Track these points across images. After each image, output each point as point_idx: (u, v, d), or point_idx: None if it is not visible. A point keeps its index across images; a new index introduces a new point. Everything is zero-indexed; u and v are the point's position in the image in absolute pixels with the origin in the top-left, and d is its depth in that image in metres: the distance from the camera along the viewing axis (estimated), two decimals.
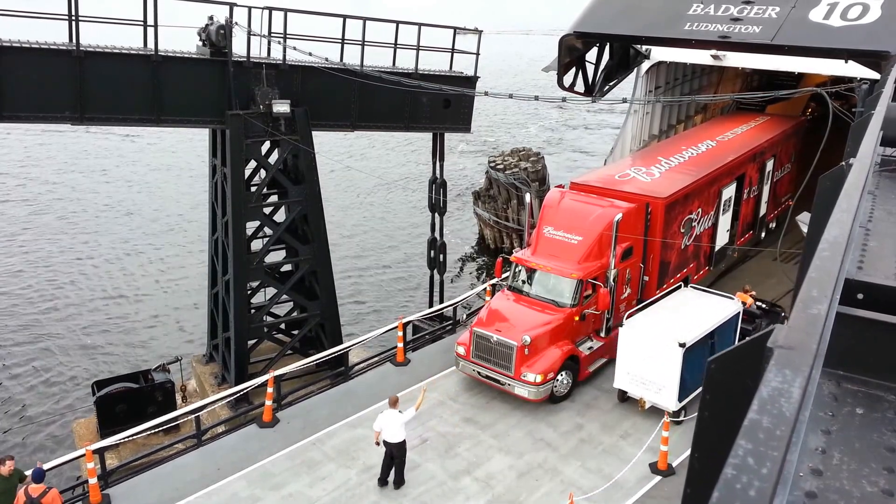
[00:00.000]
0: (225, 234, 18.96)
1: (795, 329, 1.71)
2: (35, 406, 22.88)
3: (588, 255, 15.93)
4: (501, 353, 15.16)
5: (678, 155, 20.11)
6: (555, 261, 15.99)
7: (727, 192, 20.34)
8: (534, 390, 14.89)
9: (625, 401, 15.39)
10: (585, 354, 15.95)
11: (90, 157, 51.23)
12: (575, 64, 22.79)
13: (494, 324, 15.59)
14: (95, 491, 12.97)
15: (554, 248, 16.26)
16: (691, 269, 19.36)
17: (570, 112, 64.56)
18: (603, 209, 16.37)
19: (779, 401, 1.37)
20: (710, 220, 19.81)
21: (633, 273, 16.96)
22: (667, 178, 18.43)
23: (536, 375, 14.81)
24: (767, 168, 22.68)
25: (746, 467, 1.22)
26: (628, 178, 18.26)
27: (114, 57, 16.84)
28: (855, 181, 3.18)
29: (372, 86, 18.75)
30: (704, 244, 19.76)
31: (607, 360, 16.37)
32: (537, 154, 37.19)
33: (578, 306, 15.66)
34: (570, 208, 16.73)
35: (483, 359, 15.55)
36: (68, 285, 30.97)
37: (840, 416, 2.09)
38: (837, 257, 2.18)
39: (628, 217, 16.29)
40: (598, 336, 16.47)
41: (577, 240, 16.12)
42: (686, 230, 18.47)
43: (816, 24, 18.49)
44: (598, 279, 15.74)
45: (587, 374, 16.10)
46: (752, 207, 22.35)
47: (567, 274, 15.66)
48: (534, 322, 15.38)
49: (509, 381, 15.11)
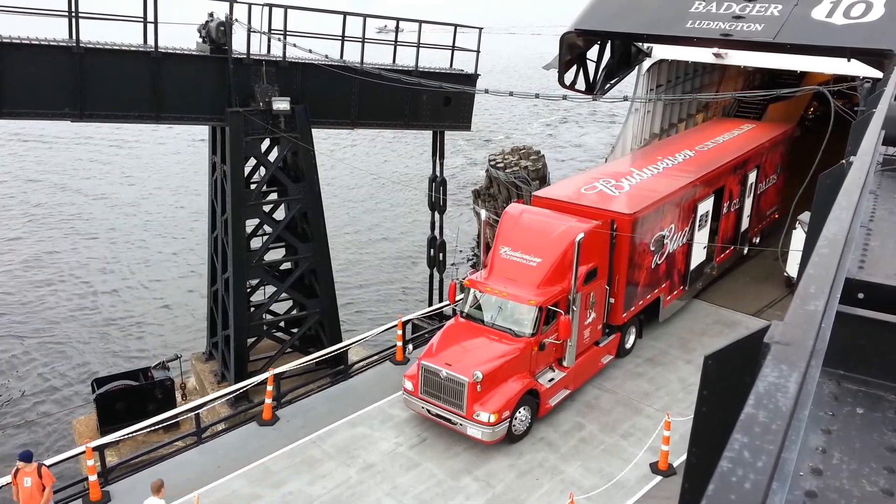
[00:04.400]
0: (224, 231, 18.96)
1: (792, 325, 1.71)
2: (35, 403, 22.90)
3: (548, 278, 14.43)
4: (452, 389, 13.67)
5: (652, 166, 18.84)
6: (512, 285, 14.49)
7: (704, 207, 18.87)
8: (488, 431, 13.41)
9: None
10: (546, 387, 14.52)
11: (90, 155, 51.24)
12: (576, 62, 22.75)
13: (445, 356, 14.03)
14: (95, 488, 13.00)
15: (511, 271, 14.75)
16: (663, 289, 18.05)
17: (571, 110, 64.55)
18: (564, 227, 14.88)
19: (775, 395, 1.37)
20: (685, 237, 18.39)
21: (598, 296, 15.59)
22: (636, 191, 17.10)
23: (490, 415, 13.34)
24: (750, 180, 21.29)
25: (742, 461, 1.23)
26: (595, 192, 16.86)
27: (114, 53, 16.83)
28: (855, 179, 3.17)
29: (372, 83, 18.73)
30: (678, 263, 18.48)
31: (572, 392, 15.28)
32: (538, 152, 37.22)
33: (538, 335, 14.16)
34: (529, 226, 15.22)
35: (432, 395, 14.04)
36: (67, 283, 31.00)
37: (840, 416, 2.08)
38: (836, 254, 2.17)
39: (592, 235, 14.91)
40: (560, 366, 15.01)
41: (536, 261, 14.63)
42: (657, 248, 17.10)
43: (819, 23, 18.44)
44: (560, 304, 14.37)
45: (548, 408, 14.68)
46: (732, 222, 20.99)
47: (525, 300, 14.15)
48: (488, 354, 13.89)
49: (461, 420, 13.64)
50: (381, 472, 13.44)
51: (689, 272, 19.04)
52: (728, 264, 21.60)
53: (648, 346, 17.88)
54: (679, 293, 18.98)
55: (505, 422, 13.60)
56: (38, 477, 12.04)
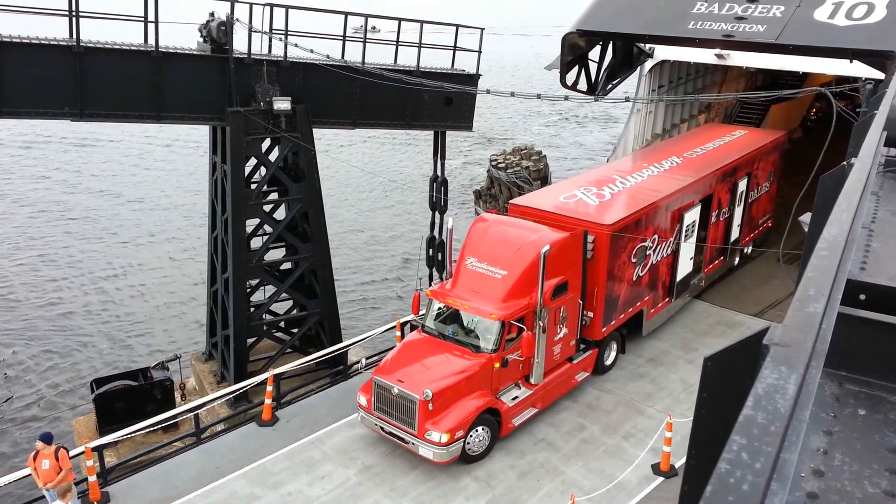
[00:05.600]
0: (224, 231, 18.95)
1: (792, 327, 1.71)
2: (34, 403, 22.91)
3: (513, 291, 13.77)
4: (404, 406, 13.10)
5: (637, 173, 18.11)
6: (475, 298, 13.86)
7: (690, 216, 18.11)
8: (440, 451, 12.82)
9: None
10: (508, 406, 13.83)
11: (89, 154, 51.30)
12: (578, 62, 22.74)
13: (398, 372, 13.45)
14: (94, 489, 12.98)
15: (475, 283, 14.13)
16: (646, 302, 17.35)
17: (573, 111, 64.57)
18: (532, 239, 14.23)
19: (774, 397, 1.37)
20: (670, 248, 17.63)
21: (569, 310, 14.82)
22: (618, 200, 16.45)
23: (442, 434, 12.72)
24: (740, 188, 20.47)
25: (740, 462, 1.23)
26: (574, 201, 16.18)
27: (114, 53, 16.81)
28: (855, 181, 3.16)
29: (373, 83, 18.72)
30: (663, 274, 17.73)
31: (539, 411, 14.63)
32: (539, 153, 37.25)
33: (500, 351, 13.52)
34: (496, 237, 14.59)
35: (385, 412, 13.48)
36: (67, 282, 31.02)
37: (842, 417, 2.08)
38: (836, 256, 2.18)
39: (563, 247, 14.30)
40: (527, 383, 14.36)
41: (501, 274, 13.96)
42: (639, 260, 16.42)
43: (821, 24, 18.44)
44: (526, 319, 13.70)
45: (511, 428, 13.99)
46: (721, 232, 20.23)
47: (486, 314, 13.50)
48: (444, 370, 13.27)
49: (413, 439, 13.08)
50: (380, 474, 13.41)
51: (675, 284, 18.32)
52: (717, 275, 20.87)
53: (650, 346, 17.84)
54: (664, 305, 18.26)
55: (459, 442, 12.97)
56: (55, 460, 12.16)
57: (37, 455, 12.24)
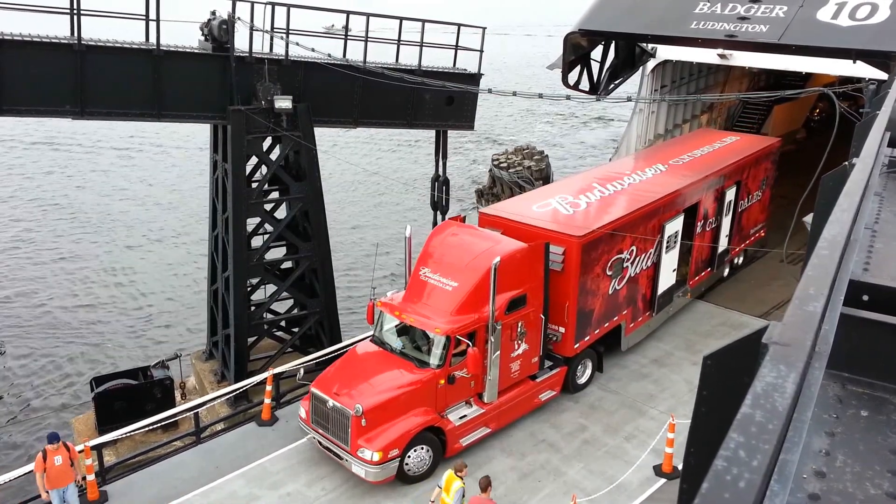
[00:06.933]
0: (225, 230, 18.94)
1: (791, 326, 1.71)
2: (34, 402, 22.93)
3: (464, 305, 13.09)
4: (338, 421, 12.58)
5: (618, 182, 17.37)
6: (423, 310, 13.29)
7: (672, 227, 17.30)
8: (372, 470, 12.27)
9: None
10: (455, 425, 13.15)
11: (89, 153, 51.36)
12: (580, 62, 22.72)
13: (336, 385, 12.95)
14: (93, 487, 12.99)
15: (426, 295, 13.57)
16: (625, 316, 16.54)
17: (575, 110, 64.56)
18: (486, 249, 13.55)
19: (772, 395, 1.36)
20: (650, 260, 16.87)
21: (529, 325, 13.99)
22: (593, 210, 15.76)
23: (374, 453, 12.19)
24: (728, 197, 19.63)
25: (737, 460, 1.24)
26: (547, 210, 15.53)
27: (115, 51, 16.80)
28: (857, 181, 3.15)
29: (375, 82, 18.71)
30: (643, 287, 16.99)
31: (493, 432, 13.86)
32: (541, 152, 37.25)
33: (446, 367, 12.86)
34: (452, 246, 13.96)
35: (321, 426, 13.00)
36: (67, 281, 31.05)
37: (844, 419, 2.08)
38: (835, 255, 2.17)
39: (520, 259, 13.55)
40: (479, 401, 13.66)
41: (452, 286, 13.32)
42: (615, 272, 15.63)
43: (824, 24, 18.40)
44: (477, 334, 12.99)
45: (458, 448, 13.25)
46: (708, 243, 19.44)
47: (431, 328, 12.89)
48: (384, 385, 12.72)
49: (347, 456, 12.56)
50: None
51: (657, 297, 17.54)
52: (704, 287, 20.14)
53: (654, 347, 17.79)
54: (645, 320, 17.45)
55: (394, 461, 12.42)
56: (66, 451, 12.29)
57: (45, 456, 12.15)
